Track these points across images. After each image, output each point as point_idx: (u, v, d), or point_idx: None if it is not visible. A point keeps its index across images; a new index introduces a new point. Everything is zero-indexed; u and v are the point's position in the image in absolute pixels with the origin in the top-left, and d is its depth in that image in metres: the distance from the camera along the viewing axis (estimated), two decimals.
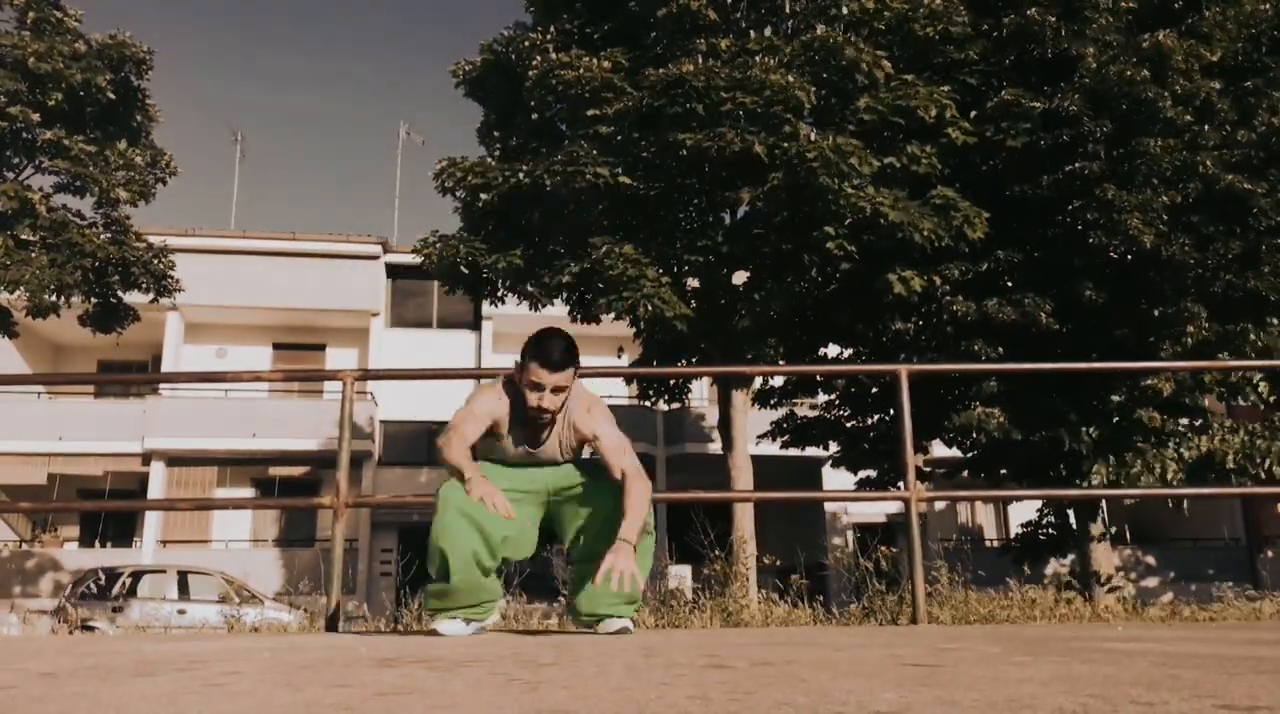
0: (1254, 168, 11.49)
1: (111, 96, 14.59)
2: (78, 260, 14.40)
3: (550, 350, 3.00)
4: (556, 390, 3.03)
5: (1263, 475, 11.96)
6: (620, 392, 23.24)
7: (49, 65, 13.66)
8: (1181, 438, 12.37)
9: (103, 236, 15.10)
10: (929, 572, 5.65)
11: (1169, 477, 11.71)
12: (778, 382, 15.85)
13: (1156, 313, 11.80)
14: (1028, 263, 11.95)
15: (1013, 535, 22.93)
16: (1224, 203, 11.28)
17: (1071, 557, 14.58)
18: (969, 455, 13.99)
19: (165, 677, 1.67)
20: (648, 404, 16.71)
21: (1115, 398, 12.12)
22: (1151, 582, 21.85)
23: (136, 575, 15.87)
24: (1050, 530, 14.77)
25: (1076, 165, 11.29)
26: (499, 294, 13.72)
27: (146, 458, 21.26)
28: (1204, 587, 19.57)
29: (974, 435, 12.16)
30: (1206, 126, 11.40)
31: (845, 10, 11.38)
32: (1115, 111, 11.31)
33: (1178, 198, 11.15)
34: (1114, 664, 1.71)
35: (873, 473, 14.84)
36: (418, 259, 14.02)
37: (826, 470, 17.93)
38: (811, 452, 16.47)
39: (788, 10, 11.84)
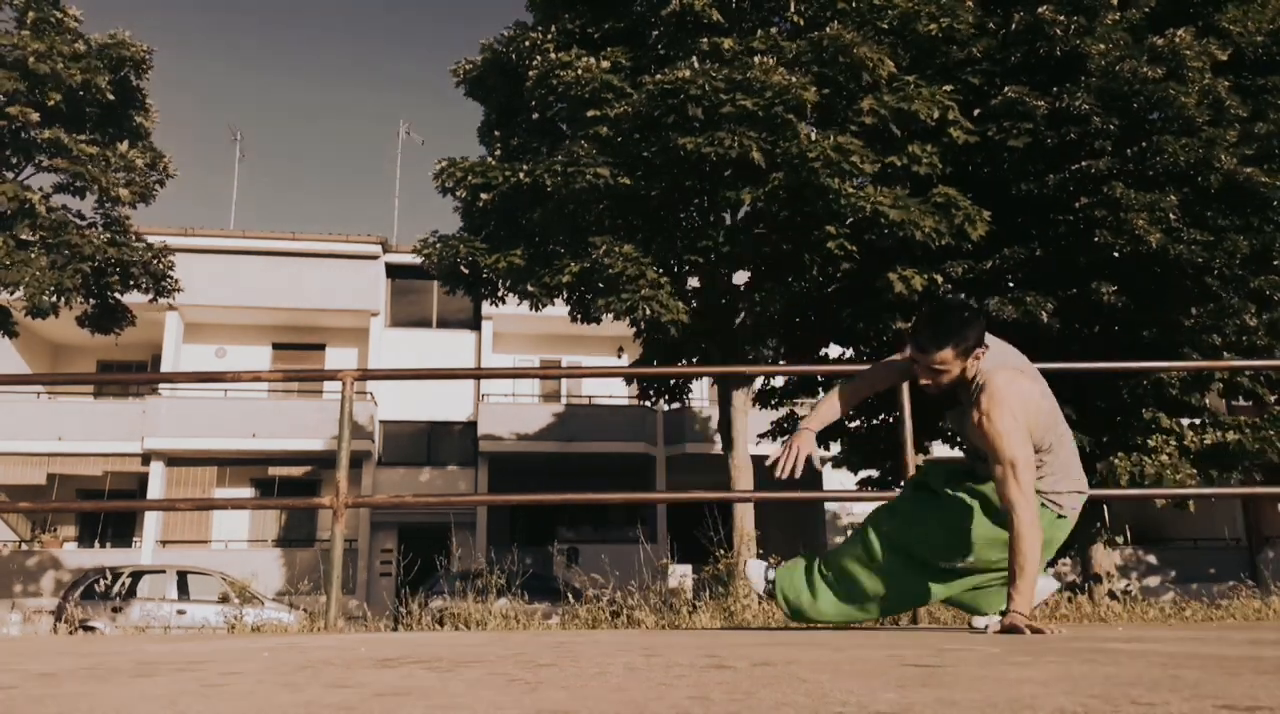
0: (1273, 156, 11.47)
1: (111, 97, 14.59)
2: (77, 262, 14.39)
3: (918, 331, 2.83)
4: (933, 371, 2.83)
5: (1276, 459, 11.97)
6: (620, 391, 23.26)
7: (48, 65, 13.66)
8: (1191, 430, 12.34)
9: (102, 237, 15.11)
10: None
11: (1170, 471, 11.67)
12: (778, 382, 15.84)
13: (1158, 312, 11.80)
14: (1032, 261, 11.95)
15: None
16: (1241, 196, 11.27)
17: (1071, 558, 14.57)
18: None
19: (165, 677, 1.67)
20: (648, 404, 16.71)
21: (1124, 390, 12.10)
22: (1152, 581, 21.85)
23: (136, 576, 15.88)
24: None
25: (1084, 163, 11.28)
26: (499, 294, 13.72)
27: (146, 458, 21.27)
28: (1204, 586, 19.57)
29: None
30: (1223, 123, 11.39)
31: (853, 3, 11.37)
32: (1126, 110, 11.28)
33: (1190, 194, 11.13)
34: (1115, 664, 1.71)
35: (874, 473, 14.84)
36: (418, 259, 14.01)
37: (827, 470, 17.94)
38: None
39: (792, 9, 11.83)
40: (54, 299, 14.37)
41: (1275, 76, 12.06)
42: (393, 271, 24.31)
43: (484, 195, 12.24)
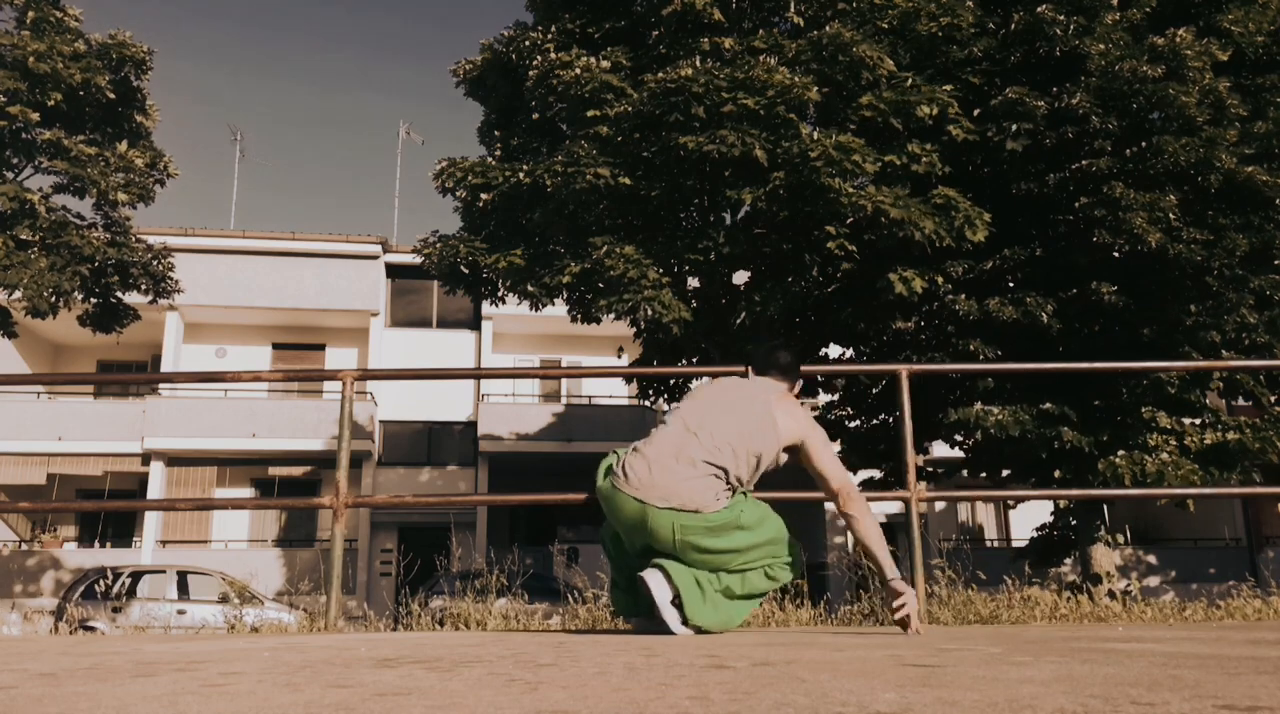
0: (1273, 155, 11.45)
1: (111, 97, 14.59)
2: (76, 264, 14.39)
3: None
4: None
5: (1276, 459, 11.95)
6: (620, 391, 23.26)
7: (48, 65, 13.66)
8: (1191, 429, 12.33)
9: (102, 238, 15.10)
10: (929, 571, 5.65)
11: (1172, 470, 11.66)
12: None
13: (1158, 311, 11.79)
14: (1032, 261, 11.94)
15: (1015, 536, 22.97)
16: (1241, 196, 11.26)
17: (1072, 558, 14.58)
18: (969, 455, 13.99)
19: (165, 677, 1.67)
20: (648, 404, 16.70)
21: (1124, 390, 12.10)
22: (1153, 581, 21.87)
23: (136, 576, 15.88)
24: (1061, 532, 14.79)
25: (1084, 163, 11.28)
26: (499, 294, 13.72)
27: (146, 458, 21.27)
28: (1204, 586, 19.58)
29: (974, 434, 12.16)
30: (1223, 123, 11.38)
31: (853, 3, 11.38)
32: (1126, 110, 11.28)
33: (1190, 193, 11.12)
34: (1115, 664, 1.71)
35: (875, 473, 14.85)
36: (418, 259, 14.01)
37: None
38: None
39: (792, 9, 11.83)
40: (53, 300, 14.38)
41: (1275, 76, 12.05)
42: (393, 272, 24.32)
43: (484, 195, 12.24)
